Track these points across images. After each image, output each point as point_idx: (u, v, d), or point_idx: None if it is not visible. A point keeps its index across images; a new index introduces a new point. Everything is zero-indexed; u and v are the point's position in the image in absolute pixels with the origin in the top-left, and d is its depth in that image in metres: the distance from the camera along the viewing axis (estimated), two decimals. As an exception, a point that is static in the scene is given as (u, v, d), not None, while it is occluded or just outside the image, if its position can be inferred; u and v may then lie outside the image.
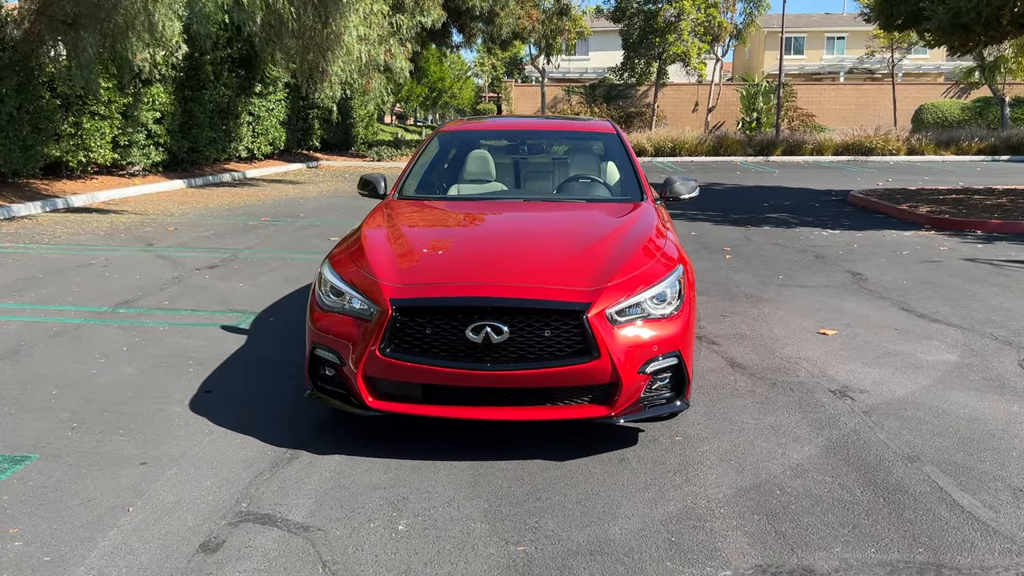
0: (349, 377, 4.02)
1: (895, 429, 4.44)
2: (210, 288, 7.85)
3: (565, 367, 3.81)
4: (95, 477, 3.84)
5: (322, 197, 16.44)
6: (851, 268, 9.06)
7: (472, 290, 3.89)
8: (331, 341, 4.07)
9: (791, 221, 13.04)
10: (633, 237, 4.53)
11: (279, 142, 24.44)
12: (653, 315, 3.99)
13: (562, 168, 6.03)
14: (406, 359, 3.88)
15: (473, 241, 4.61)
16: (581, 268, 4.11)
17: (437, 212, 5.26)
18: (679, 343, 4.01)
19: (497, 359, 3.82)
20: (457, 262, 4.25)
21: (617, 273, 4.05)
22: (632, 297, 3.95)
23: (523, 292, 3.87)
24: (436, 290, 3.94)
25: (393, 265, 4.18)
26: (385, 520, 3.45)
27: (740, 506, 3.57)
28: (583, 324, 3.80)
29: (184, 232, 11.39)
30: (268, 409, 4.72)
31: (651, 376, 3.96)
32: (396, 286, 3.98)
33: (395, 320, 3.87)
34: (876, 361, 5.67)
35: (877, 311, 7.12)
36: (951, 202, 14.75)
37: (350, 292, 4.10)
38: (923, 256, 9.87)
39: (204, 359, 5.64)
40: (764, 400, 4.89)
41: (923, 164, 26.92)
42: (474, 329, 3.79)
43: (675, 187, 5.57)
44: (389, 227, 4.82)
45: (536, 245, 4.45)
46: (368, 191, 5.74)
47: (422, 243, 4.47)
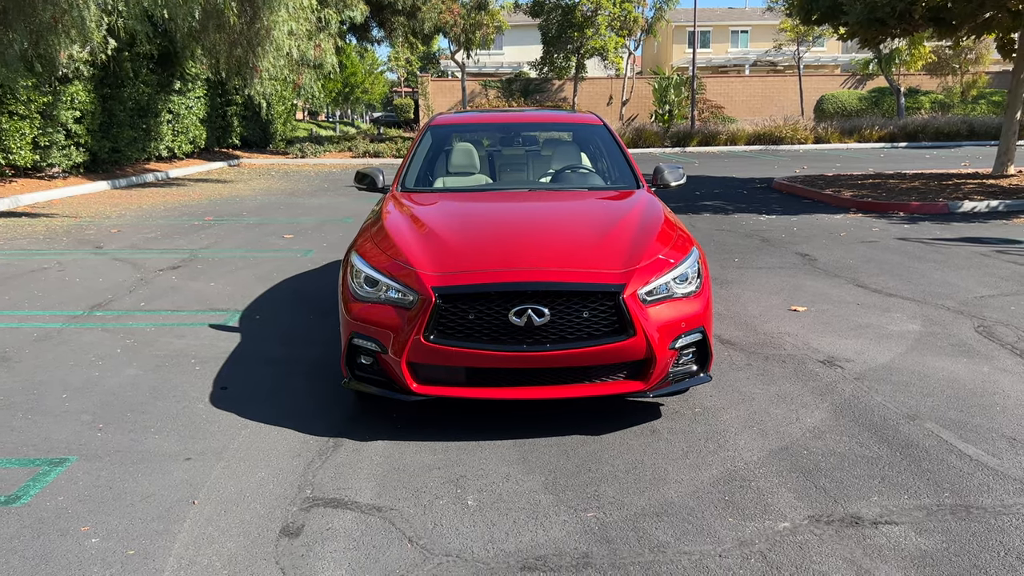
0: (391, 364, 4.13)
1: (888, 392, 4.83)
2: (182, 288, 7.74)
3: (603, 346, 4.02)
4: (144, 474, 3.84)
5: (258, 196, 16.18)
6: (799, 250, 9.57)
7: (513, 275, 4.06)
8: (370, 330, 4.17)
9: (727, 208, 13.58)
10: (647, 222, 4.77)
11: (199, 140, 23.84)
12: (677, 294, 4.24)
13: (558, 158, 6.23)
14: (450, 344, 4.01)
15: (498, 229, 4.77)
16: (609, 252, 4.32)
17: (451, 202, 5.39)
18: (702, 319, 4.27)
19: (538, 340, 4.00)
20: (490, 249, 4.41)
21: (643, 256, 4.28)
22: (660, 278, 4.19)
23: (562, 276, 4.06)
24: (477, 276, 4.09)
25: (426, 253, 4.30)
26: (452, 497, 3.59)
27: (776, 466, 3.85)
28: (620, 304, 4.01)
29: (130, 234, 11.09)
30: (293, 402, 4.77)
31: (679, 351, 4.21)
32: (436, 274, 4.11)
33: (439, 307, 4.00)
34: (850, 333, 6.09)
35: (835, 288, 7.59)
36: (869, 186, 15.60)
37: (386, 281, 4.20)
38: (859, 237, 10.48)
39: (206, 358, 5.62)
40: (763, 372, 5.21)
41: (831, 152, 28.23)
42: (517, 313, 3.96)
43: (664, 175, 5.84)
44: (409, 217, 4.93)
45: (559, 231, 4.64)
46: (366, 185, 5.81)
47: (450, 232, 4.61)
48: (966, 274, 8.05)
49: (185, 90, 22.26)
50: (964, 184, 15.38)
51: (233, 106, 26.48)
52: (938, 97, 40.11)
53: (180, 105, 22.07)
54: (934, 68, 39.51)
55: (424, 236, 4.57)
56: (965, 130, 31.39)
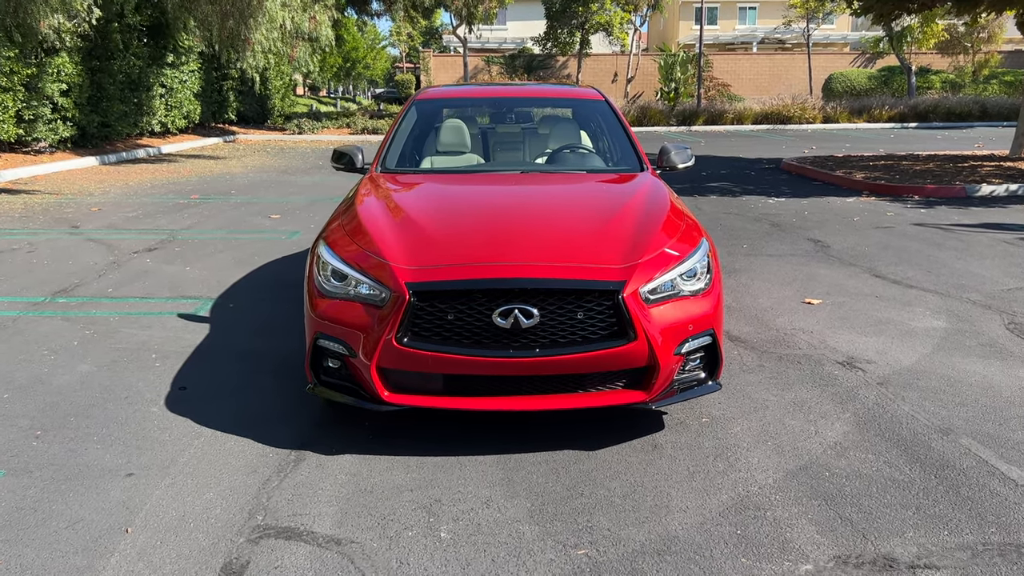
0: (360, 369, 3.66)
1: (916, 400, 4.35)
2: (155, 273, 7.27)
3: (599, 351, 3.54)
4: (78, 493, 3.39)
5: (250, 173, 15.67)
6: (811, 236, 9.06)
7: (497, 270, 3.58)
8: (337, 330, 3.70)
9: (735, 190, 13.06)
10: (652, 210, 4.27)
11: (194, 115, 23.27)
12: (684, 292, 3.76)
13: (553, 137, 5.70)
14: (425, 348, 3.54)
15: (484, 216, 4.27)
16: (608, 244, 3.83)
17: (433, 186, 4.88)
18: (712, 321, 3.79)
19: (526, 345, 3.53)
20: (473, 239, 3.92)
21: (646, 249, 3.79)
22: (664, 274, 3.70)
23: (554, 271, 3.58)
24: (456, 271, 3.61)
25: (402, 244, 3.82)
26: (424, 527, 3.13)
27: (794, 491, 3.39)
28: (619, 304, 3.53)
29: (110, 213, 10.61)
30: (257, 404, 4.31)
31: (685, 357, 3.73)
32: (410, 268, 3.63)
33: (413, 306, 3.52)
34: (870, 330, 5.61)
35: (851, 278, 7.10)
36: (882, 168, 15.06)
37: (356, 276, 3.72)
38: (874, 222, 9.97)
39: (168, 352, 5.16)
40: (776, 375, 4.74)
41: (840, 132, 27.59)
42: (502, 314, 3.48)
43: (671, 157, 5.33)
44: (386, 202, 4.44)
45: (552, 220, 4.15)
46: (344, 164, 5.32)
47: (429, 219, 4.11)
48: (990, 264, 7.54)
49: (178, 63, 21.66)
50: (980, 167, 14.82)
51: (229, 80, 25.88)
52: (949, 77, 39.33)
53: (173, 79, 21.49)
54: (946, 47, 38.67)
55: (401, 224, 4.09)
56: (977, 111, 30.67)
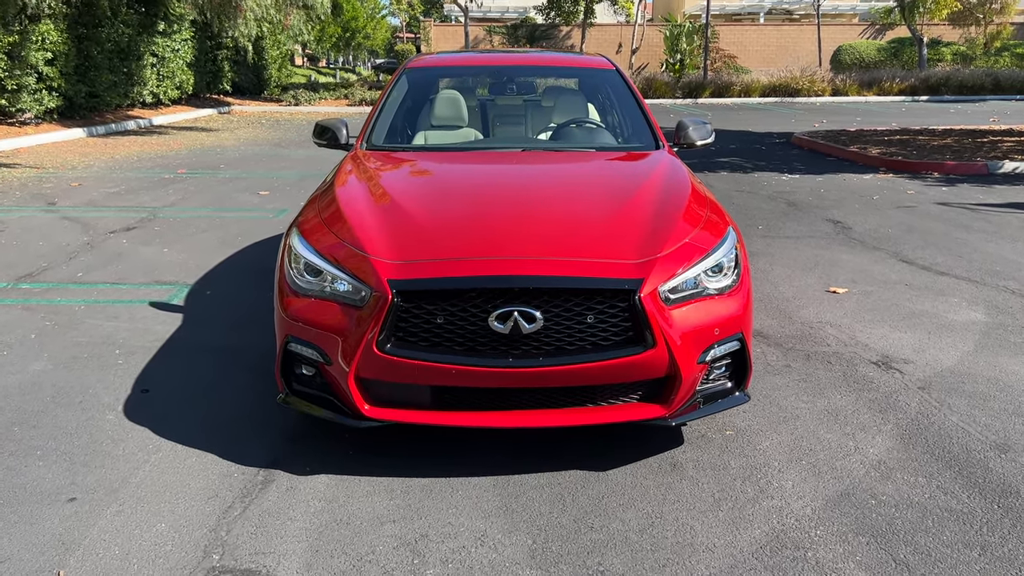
0: (336, 379, 3.19)
1: (965, 409, 3.88)
2: (130, 255, 6.78)
3: (612, 360, 3.07)
4: (9, 524, 2.93)
5: (242, 146, 15.12)
6: (829, 216, 8.55)
7: (494, 266, 3.09)
8: (310, 334, 3.22)
9: (745, 166, 12.51)
10: (671, 194, 3.77)
11: (187, 86, 22.64)
12: (710, 291, 3.27)
13: (558, 111, 5.18)
14: (411, 356, 3.07)
15: (480, 202, 3.77)
16: (621, 235, 3.34)
17: (424, 166, 4.38)
18: (740, 323, 3.31)
19: (527, 353, 3.06)
20: (466, 230, 3.42)
21: (666, 240, 3.30)
22: (687, 270, 3.22)
23: (559, 268, 3.09)
24: (447, 267, 3.12)
25: (385, 235, 3.33)
26: (407, 571, 2.67)
27: (837, 524, 2.93)
28: (635, 306, 3.05)
29: (91, 188, 10.10)
30: (225, 411, 3.85)
31: (709, 365, 3.26)
32: (394, 263, 3.14)
33: (396, 307, 3.05)
34: (904, 323, 5.13)
35: (877, 264, 6.61)
36: (897, 143, 14.49)
37: (332, 271, 3.24)
38: (894, 201, 9.46)
39: (135, 347, 4.69)
40: (805, 377, 4.27)
41: (849, 105, 26.91)
42: (500, 317, 3.01)
43: (689, 133, 4.82)
44: (369, 185, 3.94)
45: (558, 206, 3.65)
46: (327, 140, 4.81)
47: (417, 205, 3.62)
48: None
49: (170, 32, 20.99)
50: (1001, 142, 14.26)
51: (223, 50, 25.18)
52: (960, 49, 38.46)
53: (165, 48, 20.84)
54: (957, 18, 37.73)
55: (385, 211, 3.59)
56: (990, 83, 29.91)
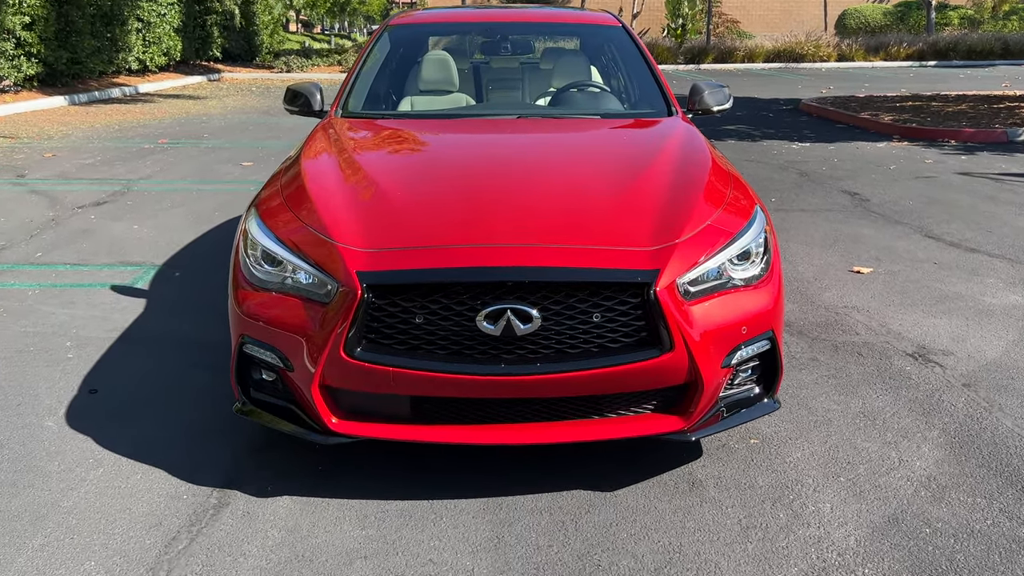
0: (299, 387, 2.73)
1: (1018, 411, 3.43)
2: (97, 232, 6.30)
3: (623, 366, 2.60)
4: (-89, 562, 2.49)
5: (228, 114, 14.54)
6: (845, 187, 8.05)
7: (484, 255, 2.62)
8: (268, 334, 2.75)
9: (754, 134, 11.98)
10: (689, 168, 3.28)
11: (174, 52, 21.92)
12: (736, 282, 2.80)
13: (559, 73, 4.66)
14: (386, 361, 2.60)
15: (468, 179, 3.27)
16: (632, 217, 2.86)
17: (405, 136, 3.88)
18: (771, 319, 2.85)
19: (523, 358, 2.59)
20: (452, 212, 2.94)
21: (684, 224, 2.82)
22: (710, 257, 2.74)
23: (561, 257, 2.62)
24: (427, 256, 2.65)
25: (356, 217, 2.85)
26: (377, 626, 2.23)
27: (888, 561, 2.48)
28: (650, 302, 2.58)
29: (65, 159, 9.57)
30: (180, 417, 3.39)
31: (734, 368, 2.80)
32: (365, 252, 2.66)
33: (367, 304, 2.57)
34: (937, 308, 4.66)
35: (901, 240, 6.13)
36: (910, 110, 13.94)
37: (293, 260, 2.76)
38: (913, 171, 8.95)
39: (88, 338, 4.22)
40: (835, 372, 3.81)
41: (856, 71, 26.21)
42: (490, 316, 2.54)
43: (704, 98, 4.30)
44: (341, 159, 3.44)
45: (558, 183, 3.17)
46: (299, 107, 4.32)
47: (395, 183, 3.13)
48: (1058, 222, 6.57)
49: (156, -5, 20.27)
50: (1018, 108, 13.69)
51: (213, 15, 24.43)
52: (968, 12, 37.64)
53: (151, 12, 20.11)
54: (966, -20, 36.93)
55: (357, 188, 3.11)
56: (999, 48, 29.18)
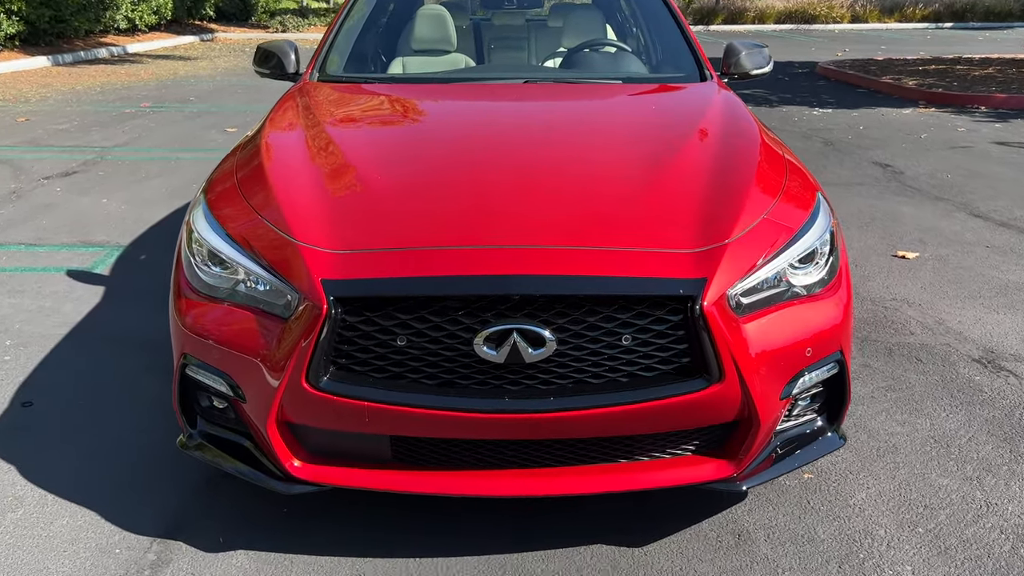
0: (254, 422, 2.19)
1: (1117, 436, 2.89)
2: (60, 207, 5.73)
3: (658, 400, 2.06)
4: None
5: (218, 76, 13.86)
6: (875, 158, 7.45)
7: (484, 260, 2.06)
8: (215, 354, 2.20)
9: (771, 99, 11.31)
10: (734, 147, 2.71)
11: (165, 11, 21.11)
12: (797, 290, 2.25)
13: (570, 31, 4.05)
14: (359, 394, 2.06)
15: (466, 162, 2.69)
16: (670, 210, 2.30)
17: (391, 106, 3.30)
18: (840, 336, 2.30)
19: (532, 389, 2.05)
20: (445, 204, 2.37)
21: (736, 218, 2.26)
22: (769, 261, 2.19)
23: (582, 262, 2.06)
24: (412, 262, 2.09)
25: (325, 210, 2.29)
26: None
27: (996, 653, 1.96)
28: (695, 319, 2.02)
29: (38, 124, 8.96)
30: (121, 440, 2.86)
31: (794, 399, 2.25)
32: (333, 254, 2.11)
33: (335, 321, 2.02)
34: (999, 301, 4.11)
35: (944, 219, 5.55)
36: (934, 74, 13.25)
37: (244, 263, 2.21)
38: (946, 140, 8.33)
39: (32, 335, 3.69)
40: (893, 384, 3.27)
41: (871, 32, 25.33)
42: (492, 338, 1.99)
43: (741, 59, 3.70)
44: (310, 134, 2.86)
45: (575, 166, 2.60)
46: (271, 68, 3.75)
47: (375, 165, 2.56)
48: (1115, 199, 5.99)
49: (144, -49, 19.43)
50: (1049, 72, 13.00)
51: (205, -28, 23.56)
52: (985, -28, 36.50)
53: (139, -31, 19.31)
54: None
55: (328, 172, 2.54)
56: (1019, 9, 28.26)
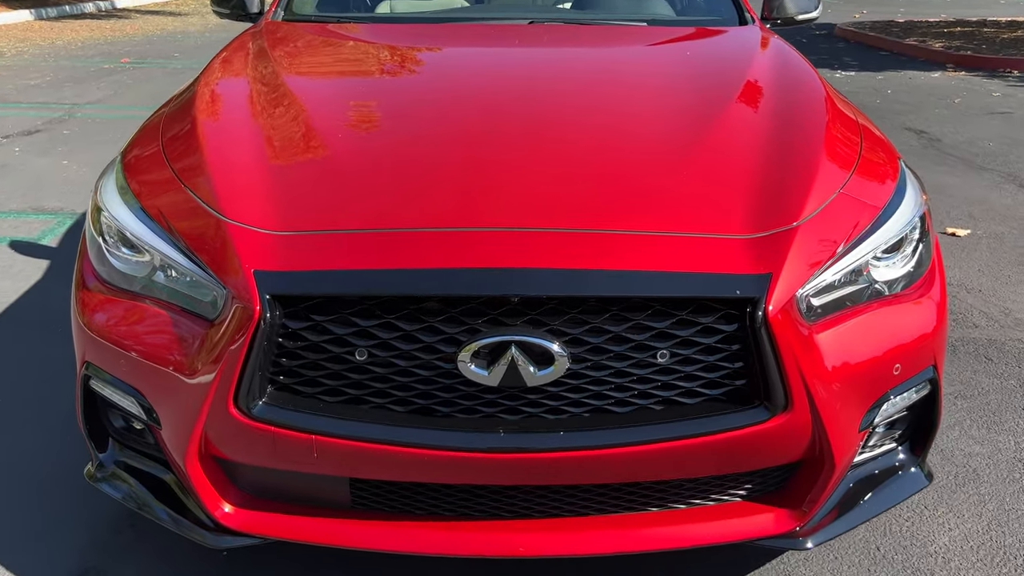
0: (171, 453, 1.68)
1: None
2: (16, 169, 5.20)
3: (703, 436, 1.54)
4: None
5: (208, 31, 13.22)
6: (909, 124, 6.88)
7: (472, 248, 1.53)
8: (124, 364, 1.69)
9: (789, 60, 10.70)
10: (795, 103, 2.18)
11: (157, -36, 20.37)
12: (880, 287, 1.72)
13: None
14: (304, 424, 1.54)
15: (455, 122, 2.13)
16: (718, 183, 1.77)
17: (365, 52, 2.75)
18: (934, 347, 1.78)
19: (535, 420, 1.54)
20: (425, 175, 1.83)
21: (805, 193, 1.72)
22: (851, 250, 1.66)
23: (602, 251, 1.53)
24: (375, 249, 1.56)
25: (267, 179, 1.76)
26: None
27: None
28: (757, 329, 1.50)
29: (8, 79, 8.40)
30: (36, 459, 2.37)
31: (872, 429, 1.74)
32: (271, 236, 1.58)
33: (274, 329, 1.50)
34: (1070, 288, 3.60)
35: (993, 191, 5.02)
36: (960, 36, 12.61)
37: (160, 247, 1.68)
38: (982, 105, 7.75)
39: (-45, 319, 3.19)
40: (964, 390, 2.76)
41: (888, -6, 24.50)
42: (482, 353, 1.47)
43: (785, 1, 3.14)
44: (259, 85, 2.29)
45: (593, 127, 2.06)
46: (231, 8, 3.17)
47: (338, 125, 2.02)
48: None
49: (133, -100, 18.63)
50: (1082, 35, 12.35)
51: (198, -76, 22.70)
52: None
53: (128, -81, 18.52)
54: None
55: (278, 133, 1.99)
56: (1041, -28, 27.42)
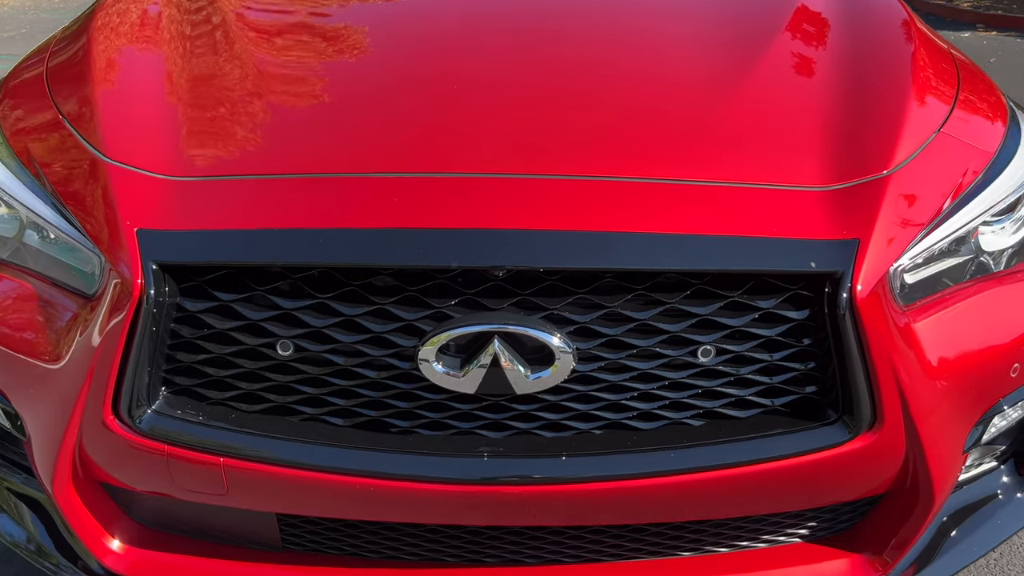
0: (39, 474, 1.24)
1: None
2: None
3: (762, 463, 1.10)
4: None
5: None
6: (943, 83, 6.44)
7: (440, 199, 1.09)
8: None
9: (809, 19, 10.22)
10: (877, 23, 1.77)
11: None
12: (985, 259, 1.27)
13: None
14: (208, 441, 1.10)
15: (423, 33, 1.58)
16: (781, 118, 1.32)
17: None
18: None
19: (527, 441, 1.10)
20: (383, 106, 1.35)
21: (896, 130, 1.27)
22: (957, 209, 1.21)
23: (621, 207, 1.09)
24: (306, 200, 1.11)
25: (170, 112, 1.30)
26: None
27: None
28: (840, 317, 1.05)
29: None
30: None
31: (979, 445, 1.31)
32: (163, 180, 1.14)
33: (165, 310, 1.06)
34: None
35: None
36: (985, -5, 12.15)
37: (27, 200, 1.23)
38: (1016, 65, 7.35)
39: None
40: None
41: (906, -43, 23.90)
42: (452, 348, 1.03)
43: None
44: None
45: (612, 46, 1.58)
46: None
47: (267, 43, 1.55)
48: None
49: None
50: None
51: None
52: None
53: None
54: None
55: (193, 60, 1.49)
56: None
